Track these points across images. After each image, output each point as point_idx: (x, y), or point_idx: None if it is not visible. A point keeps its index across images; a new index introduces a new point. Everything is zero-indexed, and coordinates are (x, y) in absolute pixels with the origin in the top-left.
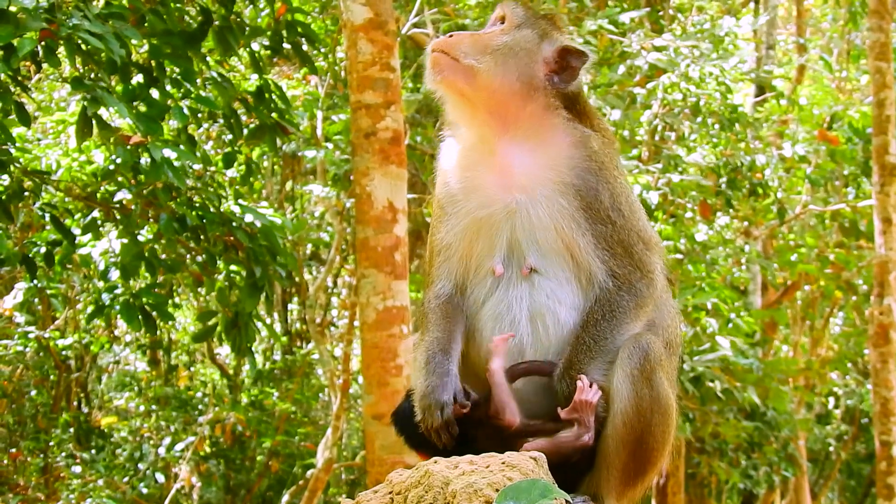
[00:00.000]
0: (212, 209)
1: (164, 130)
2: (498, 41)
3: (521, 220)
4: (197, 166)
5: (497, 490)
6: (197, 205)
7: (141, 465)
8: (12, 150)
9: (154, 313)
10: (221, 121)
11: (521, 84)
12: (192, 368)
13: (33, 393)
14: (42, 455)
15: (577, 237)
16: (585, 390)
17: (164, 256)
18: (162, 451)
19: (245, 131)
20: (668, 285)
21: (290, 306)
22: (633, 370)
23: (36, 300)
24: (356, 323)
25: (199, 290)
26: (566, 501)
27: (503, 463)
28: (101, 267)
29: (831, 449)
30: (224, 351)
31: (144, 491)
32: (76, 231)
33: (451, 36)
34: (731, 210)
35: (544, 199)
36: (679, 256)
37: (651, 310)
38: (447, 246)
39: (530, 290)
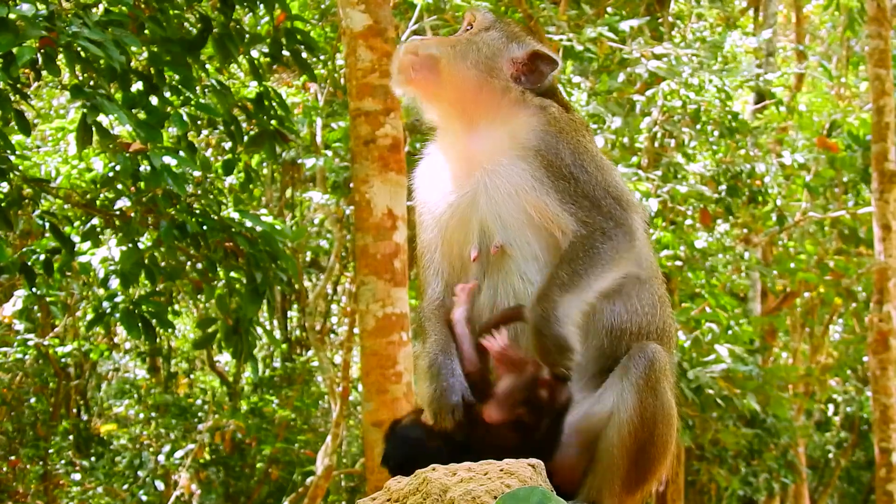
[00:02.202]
0: (212, 216)
1: (164, 138)
2: (462, 38)
3: (485, 196)
4: (197, 173)
5: (495, 497)
6: (197, 212)
7: (140, 473)
8: (12, 158)
9: (154, 321)
10: (221, 128)
11: (483, 75)
12: (191, 376)
13: (33, 400)
14: (41, 462)
15: (542, 196)
16: (493, 342)
17: (163, 264)
18: (161, 458)
19: (245, 138)
20: (664, 281)
21: (289, 313)
22: (639, 380)
23: (35, 308)
24: (356, 330)
25: (199, 297)
26: None
27: (501, 470)
28: (101, 274)
29: (831, 456)
30: (224, 358)
31: (144, 498)
32: (76, 238)
33: (423, 39)
34: (730, 217)
35: (503, 167)
36: (679, 263)
37: (630, 265)
38: (429, 245)
39: (506, 275)
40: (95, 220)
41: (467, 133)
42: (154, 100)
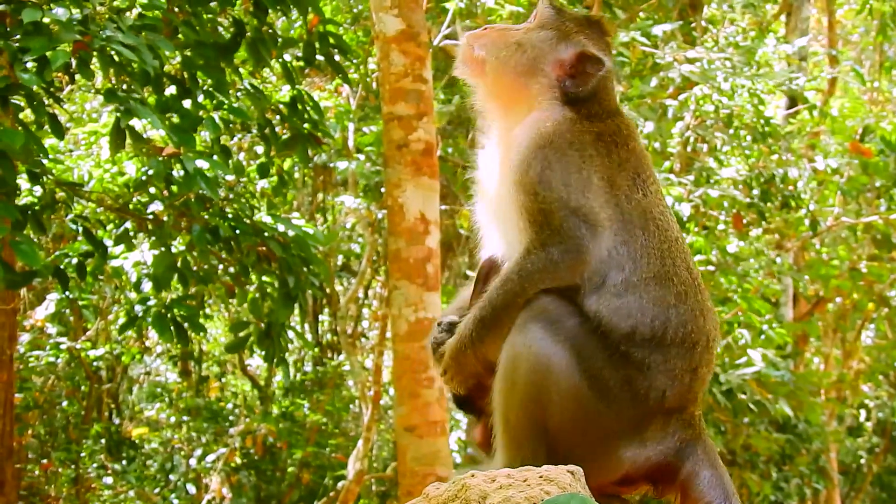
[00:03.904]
0: (245, 220)
1: (197, 141)
2: (513, 37)
3: (490, 214)
4: (230, 177)
5: None
6: (230, 215)
7: (172, 476)
8: (45, 162)
9: (186, 325)
10: (255, 131)
11: (524, 79)
12: (222, 379)
13: (65, 404)
14: (73, 466)
15: (515, 215)
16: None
17: (196, 267)
18: (193, 462)
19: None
20: (666, 274)
21: (320, 317)
22: (517, 322)
23: (68, 311)
24: (387, 334)
25: (231, 300)
26: None
27: (541, 476)
28: (134, 278)
29: (863, 461)
30: (255, 362)
31: (175, 502)
32: (108, 242)
33: (485, 29)
34: (763, 222)
35: (501, 182)
36: (711, 268)
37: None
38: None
39: None
40: (128, 224)
41: (499, 136)
42: (187, 104)
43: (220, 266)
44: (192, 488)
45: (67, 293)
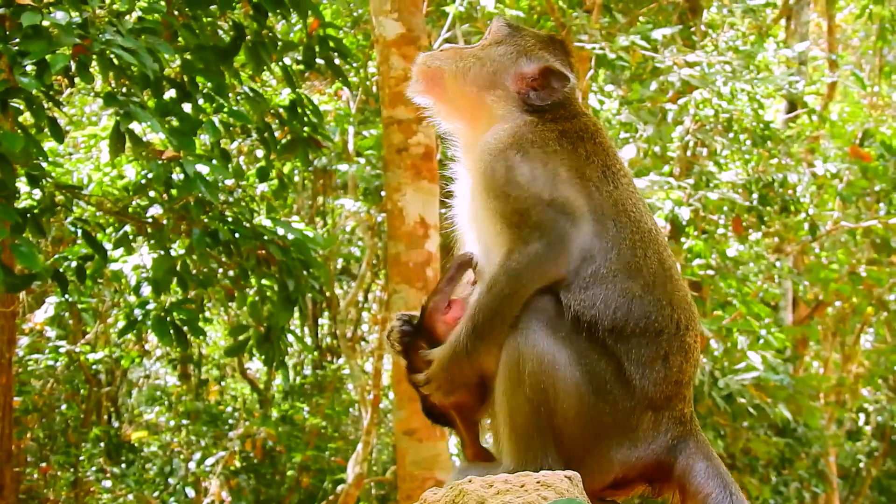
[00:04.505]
0: (244, 223)
1: (197, 145)
2: (470, 52)
3: (466, 225)
4: (229, 181)
5: None
6: (229, 219)
7: (171, 480)
8: (44, 165)
9: (185, 328)
10: (254, 135)
11: (482, 91)
12: (222, 383)
13: (64, 407)
14: (72, 469)
15: (489, 222)
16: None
17: (195, 271)
18: (192, 465)
19: (278, 146)
20: (636, 265)
21: (320, 321)
22: (516, 324)
23: (67, 314)
24: None
25: (231, 304)
26: None
27: (538, 482)
28: (133, 282)
29: (862, 465)
30: (254, 366)
31: None
32: (108, 245)
33: (440, 50)
34: (762, 226)
35: (469, 192)
36: (711, 272)
37: (552, 276)
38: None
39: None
40: (128, 228)
41: (461, 148)
42: (187, 107)
43: (220, 269)
44: (191, 492)
45: (67, 296)
